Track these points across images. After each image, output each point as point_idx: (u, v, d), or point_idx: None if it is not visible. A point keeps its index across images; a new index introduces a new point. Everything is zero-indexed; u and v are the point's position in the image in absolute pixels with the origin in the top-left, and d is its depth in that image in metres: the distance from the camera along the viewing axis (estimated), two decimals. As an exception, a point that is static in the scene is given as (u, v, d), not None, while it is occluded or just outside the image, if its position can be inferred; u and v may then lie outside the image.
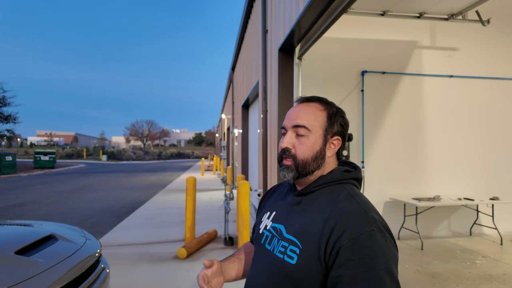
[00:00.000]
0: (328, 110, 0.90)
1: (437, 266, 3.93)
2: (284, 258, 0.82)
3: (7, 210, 7.99)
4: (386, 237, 0.76)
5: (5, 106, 23.12)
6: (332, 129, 0.89)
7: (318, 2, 2.91)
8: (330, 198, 0.84)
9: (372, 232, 0.74)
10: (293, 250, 0.81)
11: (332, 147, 0.90)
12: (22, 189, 12.34)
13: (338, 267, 0.73)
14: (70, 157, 42.94)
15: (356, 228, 0.74)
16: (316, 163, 0.87)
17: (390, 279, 0.72)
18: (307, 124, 0.87)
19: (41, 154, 24.37)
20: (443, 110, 5.28)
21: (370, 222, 0.76)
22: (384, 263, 0.72)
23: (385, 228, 0.78)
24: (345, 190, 0.85)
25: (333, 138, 0.90)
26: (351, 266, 0.72)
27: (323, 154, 0.88)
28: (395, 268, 0.75)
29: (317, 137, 0.87)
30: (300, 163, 0.87)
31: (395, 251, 0.77)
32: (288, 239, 0.84)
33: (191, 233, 4.77)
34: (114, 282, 3.39)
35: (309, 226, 0.82)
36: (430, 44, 5.25)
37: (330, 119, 0.89)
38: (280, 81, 4.17)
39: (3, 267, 1.85)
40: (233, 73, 11.66)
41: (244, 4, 7.08)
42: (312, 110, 0.89)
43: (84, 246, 2.39)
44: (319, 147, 0.87)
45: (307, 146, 0.87)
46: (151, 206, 8.40)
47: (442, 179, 5.21)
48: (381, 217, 0.81)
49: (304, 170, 0.87)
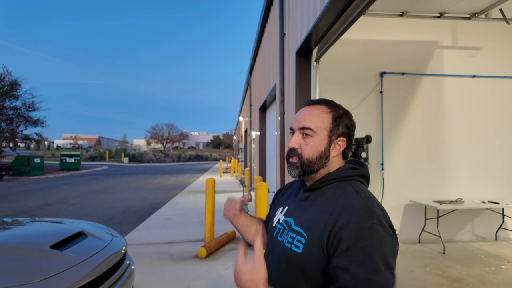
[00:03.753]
0: (334, 112, 0.96)
1: (459, 271, 3.84)
2: (292, 248, 0.89)
3: (37, 210, 8.40)
4: (387, 231, 0.80)
5: (34, 110, 24.24)
6: (337, 130, 0.95)
7: (336, 5, 2.94)
8: (336, 193, 0.90)
9: (373, 225, 0.79)
10: (299, 240, 0.88)
11: (337, 147, 0.96)
12: (50, 190, 12.91)
13: (338, 255, 0.79)
14: (93, 159, 44.42)
15: (358, 221, 0.80)
16: (320, 162, 0.94)
17: (387, 270, 0.76)
18: (313, 126, 0.94)
19: (67, 157, 25.37)
20: (466, 111, 5.16)
21: (372, 216, 0.80)
22: (382, 254, 0.77)
23: (387, 223, 0.82)
24: (351, 186, 0.91)
25: (338, 139, 0.95)
26: (350, 254, 0.77)
27: (327, 154, 0.94)
28: (394, 260, 0.79)
29: (322, 138, 0.94)
30: (305, 162, 0.94)
31: (395, 245, 0.82)
32: (296, 230, 0.91)
33: (211, 233, 4.87)
34: (138, 279, 3.53)
35: (315, 219, 0.88)
36: (452, 44, 5.14)
37: (335, 121, 0.95)
38: (298, 83, 4.21)
39: (40, 260, 1.99)
40: (251, 76, 11.78)
41: (261, 9, 7.18)
42: (318, 112, 0.96)
43: (111, 243, 2.52)
44: (324, 147, 0.94)
45: (312, 146, 0.94)
46: (171, 206, 8.60)
47: (464, 181, 5.07)
48: (384, 212, 0.85)
49: (309, 168, 0.94)
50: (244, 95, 16.14)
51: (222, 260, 4.26)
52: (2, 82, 22.45)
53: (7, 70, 23.03)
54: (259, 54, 9.33)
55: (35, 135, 26.00)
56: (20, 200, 10.16)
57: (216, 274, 3.80)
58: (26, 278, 1.79)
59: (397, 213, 5.03)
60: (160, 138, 73.79)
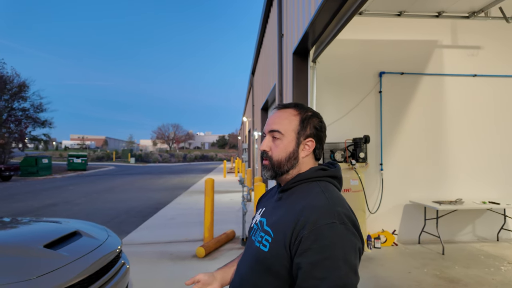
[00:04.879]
0: (302, 114, 0.99)
1: (457, 271, 3.81)
2: (260, 247, 0.92)
3: (42, 210, 8.55)
4: (348, 229, 0.81)
5: (42, 111, 24.62)
6: (305, 131, 0.98)
7: (329, 5, 2.96)
8: (303, 193, 0.93)
9: (333, 225, 0.80)
10: (267, 239, 0.91)
11: (306, 148, 0.98)
12: (56, 190, 13.11)
13: (299, 255, 0.80)
14: (100, 159, 44.91)
15: (318, 220, 0.81)
16: (289, 163, 0.97)
17: (347, 268, 0.77)
18: (281, 128, 0.97)
19: (74, 157, 25.70)
20: (466, 110, 5.11)
21: (334, 215, 0.82)
22: (342, 253, 0.78)
23: (350, 221, 0.83)
24: (318, 186, 0.93)
25: (306, 140, 0.98)
26: (310, 254, 0.78)
27: (296, 155, 0.97)
28: (355, 258, 0.80)
29: (290, 140, 0.97)
30: (276, 163, 0.97)
31: (358, 242, 0.83)
32: (265, 230, 0.94)
33: (210, 233, 4.91)
34: (136, 278, 3.59)
35: (282, 218, 0.90)
36: (451, 43, 5.10)
37: (303, 123, 0.98)
38: (295, 84, 4.23)
39: (34, 259, 2.05)
40: (253, 77, 11.82)
41: (262, 10, 7.21)
42: (286, 115, 0.99)
43: (106, 243, 2.57)
44: (292, 148, 0.97)
45: (281, 148, 0.97)
46: (174, 206, 8.68)
47: (464, 181, 5.03)
48: (349, 211, 0.87)
49: (279, 169, 0.97)
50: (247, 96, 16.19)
51: (221, 260, 4.29)
52: (11, 84, 22.85)
53: (15, 72, 23.46)
54: (260, 55, 9.36)
55: (43, 136, 26.40)
56: (27, 199, 10.34)
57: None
58: (19, 276, 1.85)
59: (397, 214, 5.00)
60: (166, 139, 74.26)
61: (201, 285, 1.06)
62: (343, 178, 4.51)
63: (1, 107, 22.63)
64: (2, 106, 22.73)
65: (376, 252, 4.50)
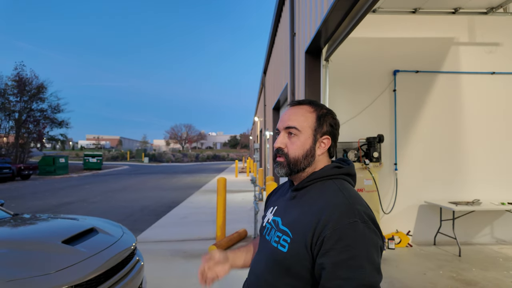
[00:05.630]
0: (318, 111, 0.97)
1: (475, 274, 3.72)
2: (278, 247, 0.90)
3: (59, 208, 8.79)
4: (369, 228, 0.80)
5: (59, 112, 25.32)
6: (322, 129, 0.96)
7: (342, 4, 2.93)
8: (320, 192, 0.91)
9: (355, 223, 0.79)
10: (285, 239, 0.89)
11: (322, 146, 0.97)
12: (72, 189, 13.45)
13: (322, 255, 0.79)
14: (115, 159, 45.80)
15: (339, 219, 0.80)
16: (306, 160, 0.95)
17: (371, 267, 0.76)
18: (298, 125, 0.95)
19: (90, 157, 26.32)
20: (483, 109, 4.98)
21: (354, 213, 0.81)
22: (365, 252, 0.77)
23: (370, 219, 0.82)
24: (335, 184, 0.91)
25: (322, 137, 0.96)
26: (333, 255, 0.77)
27: (313, 152, 0.95)
28: (377, 256, 0.79)
29: (307, 137, 0.95)
30: (292, 161, 0.95)
31: (379, 240, 0.81)
32: (282, 229, 0.92)
33: (222, 232, 4.94)
34: (150, 276, 3.65)
35: (300, 218, 0.89)
36: (469, 40, 4.98)
37: (319, 120, 0.96)
38: (307, 83, 4.21)
39: (53, 254, 2.11)
40: (265, 76, 11.82)
41: (274, 10, 7.20)
42: (302, 112, 0.97)
43: (121, 239, 2.63)
44: (309, 145, 0.95)
45: (297, 145, 0.95)
46: (187, 205, 8.77)
47: (482, 182, 4.90)
48: (368, 209, 0.85)
49: (295, 167, 0.95)
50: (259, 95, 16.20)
51: (233, 259, 4.31)
52: (30, 85, 23.57)
53: (34, 74, 24.18)
54: (272, 54, 9.36)
55: (60, 136, 27.15)
56: (45, 198, 10.64)
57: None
58: (39, 270, 1.91)
59: (411, 214, 4.92)
60: (179, 139, 75.09)
61: (214, 263, 1.07)
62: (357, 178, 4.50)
63: (20, 108, 23.38)
64: (22, 107, 23.47)
65: (390, 253, 4.44)
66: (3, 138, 23.43)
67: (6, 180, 16.74)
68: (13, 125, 23.30)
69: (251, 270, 1.04)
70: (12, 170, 17.06)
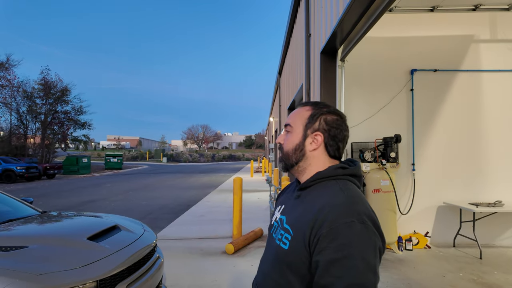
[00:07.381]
0: (314, 110, 1.01)
1: (497, 277, 3.63)
2: (280, 244, 0.94)
3: (82, 206, 9.14)
4: (368, 228, 0.81)
5: (82, 114, 26.27)
6: (313, 125, 0.99)
7: (358, 4, 2.93)
8: (322, 192, 0.93)
9: (351, 223, 0.80)
10: (286, 237, 0.92)
11: (315, 142, 0.98)
12: (95, 188, 13.92)
13: (317, 253, 0.81)
14: (135, 159, 46.96)
15: (336, 219, 0.81)
16: (296, 155, 1.00)
17: (365, 267, 0.77)
18: (291, 122, 1.02)
19: (111, 157, 27.15)
20: (505, 108, 4.83)
21: (352, 214, 0.82)
22: (360, 251, 0.78)
23: (370, 220, 0.83)
24: (337, 185, 0.92)
25: (314, 133, 0.98)
26: (328, 253, 0.79)
27: (301, 147, 0.99)
28: (375, 257, 0.80)
29: (298, 133, 1.00)
30: (285, 155, 1.03)
31: (378, 241, 0.82)
32: (285, 228, 0.95)
33: (238, 231, 5.02)
34: (169, 272, 3.76)
35: (302, 216, 0.92)
36: (490, 37, 4.83)
37: (312, 117, 0.99)
38: (322, 84, 4.22)
39: (79, 250, 2.24)
40: (280, 77, 11.83)
41: (289, 11, 7.22)
42: (300, 111, 1.03)
43: (142, 237, 2.74)
44: (298, 141, 0.99)
45: (290, 141, 1.01)
46: (204, 204, 8.92)
47: (504, 183, 4.75)
48: (368, 210, 0.87)
49: (288, 161, 1.02)
50: (274, 96, 16.22)
51: (249, 257, 4.38)
52: (54, 88, 24.54)
53: (58, 77, 25.18)
54: (287, 55, 9.37)
55: (83, 136, 28.11)
56: (69, 196, 11.09)
57: (242, 269, 3.94)
58: (65, 265, 2.03)
59: (429, 215, 4.84)
60: (196, 139, 76.11)
61: None
62: (373, 179, 4.47)
63: (46, 111, 24.39)
64: (47, 109, 24.48)
65: (408, 254, 4.38)
66: (30, 139, 24.52)
67: (33, 179, 17.55)
68: (39, 127, 24.35)
69: (259, 269, 1.08)
70: (39, 169, 17.86)
